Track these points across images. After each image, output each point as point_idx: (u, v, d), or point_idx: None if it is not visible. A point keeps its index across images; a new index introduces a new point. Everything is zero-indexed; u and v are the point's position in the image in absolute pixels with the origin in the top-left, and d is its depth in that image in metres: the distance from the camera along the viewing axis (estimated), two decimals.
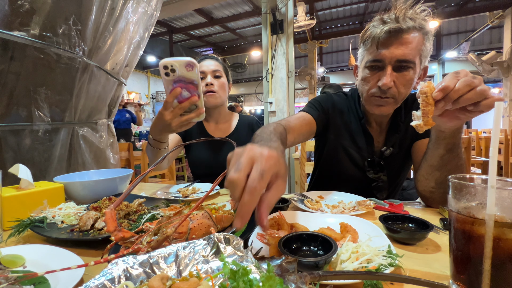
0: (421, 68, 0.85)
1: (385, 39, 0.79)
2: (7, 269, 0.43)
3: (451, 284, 0.39)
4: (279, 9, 3.01)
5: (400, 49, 0.78)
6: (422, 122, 0.57)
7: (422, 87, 0.56)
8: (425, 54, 0.82)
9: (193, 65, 0.70)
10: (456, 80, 0.53)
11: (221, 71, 1.29)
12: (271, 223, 0.59)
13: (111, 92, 1.47)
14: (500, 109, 0.37)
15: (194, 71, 0.71)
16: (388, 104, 0.86)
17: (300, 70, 5.95)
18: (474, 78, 0.53)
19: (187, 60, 0.70)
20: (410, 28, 0.77)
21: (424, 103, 0.55)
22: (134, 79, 9.64)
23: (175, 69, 0.71)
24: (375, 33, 0.80)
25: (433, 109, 0.55)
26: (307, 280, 0.31)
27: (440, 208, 0.75)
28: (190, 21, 7.66)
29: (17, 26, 0.95)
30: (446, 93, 0.53)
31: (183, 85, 0.74)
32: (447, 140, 0.67)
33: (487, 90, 0.52)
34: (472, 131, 6.98)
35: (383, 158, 0.99)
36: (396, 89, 0.82)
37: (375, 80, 0.84)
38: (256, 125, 1.42)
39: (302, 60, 10.03)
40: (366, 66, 0.86)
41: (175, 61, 0.70)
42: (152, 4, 1.46)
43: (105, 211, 0.46)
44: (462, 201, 0.37)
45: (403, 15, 0.78)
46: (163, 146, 0.95)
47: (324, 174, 1.18)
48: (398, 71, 0.81)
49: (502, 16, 5.64)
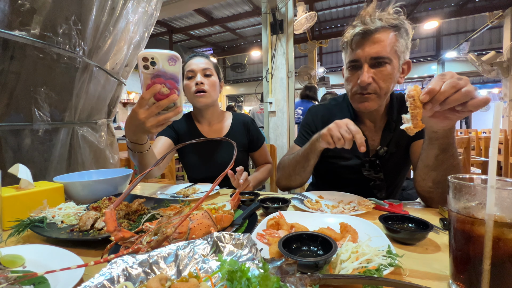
0: (402, 63, 0.89)
1: (358, 41, 0.86)
2: (7, 269, 0.43)
3: (451, 284, 0.39)
4: (279, 9, 3.01)
5: (372, 47, 0.84)
6: (411, 125, 0.59)
7: (410, 91, 0.58)
8: (402, 49, 0.87)
9: (176, 59, 0.64)
10: (442, 82, 0.55)
11: (212, 69, 1.23)
12: (271, 223, 0.59)
13: (111, 92, 1.47)
14: (500, 109, 0.38)
15: (177, 65, 0.65)
16: (371, 100, 0.89)
17: (300, 70, 5.95)
18: (460, 79, 0.55)
19: (169, 54, 0.63)
20: (378, 28, 0.83)
21: (412, 106, 0.58)
22: (134, 79, 9.61)
23: (155, 62, 0.63)
24: (347, 37, 0.89)
25: (421, 112, 0.57)
26: (307, 282, 0.31)
27: (440, 208, 0.75)
28: (190, 21, 7.66)
29: (18, 26, 0.95)
30: (433, 95, 0.55)
31: (163, 81, 0.67)
32: (440, 140, 0.69)
33: (472, 91, 0.54)
34: (472, 131, 6.98)
35: (379, 157, 1.00)
36: (376, 84, 0.87)
37: (355, 78, 0.89)
38: (251, 124, 1.38)
39: (302, 60, 10.03)
40: (347, 67, 0.93)
41: (156, 53, 0.63)
42: (152, 4, 1.46)
43: (105, 211, 0.46)
44: (462, 201, 0.37)
45: (369, 18, 0.85)
46: (144, 149, 0.87)
47: (322, 177, 1.19)
48: (375, 67, 0.86)
49: (502, 16, 5.64)
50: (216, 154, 1.29)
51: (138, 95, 9.54)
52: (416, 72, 9.86)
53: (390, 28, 0.84)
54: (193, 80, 1.21)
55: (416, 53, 9.63)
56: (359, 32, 0.85)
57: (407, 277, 0.43)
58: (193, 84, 1.20)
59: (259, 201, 0.75)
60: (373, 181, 1.02)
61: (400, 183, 1.11)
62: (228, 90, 12.23)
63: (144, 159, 0.90)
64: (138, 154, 0.88)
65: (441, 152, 0.70)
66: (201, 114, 1.31)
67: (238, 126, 1.36)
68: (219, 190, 1.06)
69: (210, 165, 1.28)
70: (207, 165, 1.28)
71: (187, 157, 1.31)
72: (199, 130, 1.32)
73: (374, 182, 1.02)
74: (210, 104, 1.25)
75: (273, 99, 3.15)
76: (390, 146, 0.98)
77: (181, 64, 0.66)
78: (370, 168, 1.01)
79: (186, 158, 1.32)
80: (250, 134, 1.36)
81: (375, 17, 0.84)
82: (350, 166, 1.04)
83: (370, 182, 1.03)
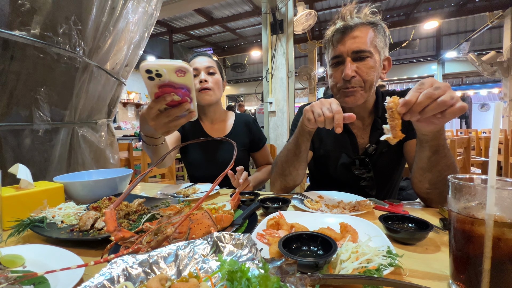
0: (382, 59, 0.92)
1: (339, 38, 0.89)
2: (7, 269, 0.43)
3: (451, 284, 0.39)
4: (279, 9, 3.01)
5: (353, 42, 0.87)
6: (391, 136, 0.60)
7: (388, 102, 0.59)
8: (381, 45, 0.90)
9: (185, 71, 0.56)
10: (419, 93, 0.57)
11: (215, 68, 1.25)
12: (271, 223, 0.59)
13: (111, 92, 1.47)
14: (500, 109, 0.37)
15: (187, 76, 0.57)
16: (356, 93, 0.90)
17: (300, 70, 5.95)
18: (437, 89, 0.56)
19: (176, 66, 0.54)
20: (357, 24, 0.87)
21: (391, 118, 0.60)
22: (134, 79, 9.62)
23: (161, 74, 0.56)
24: (328, 35, 0.93)
25: (400, 123, 0.59)
26: (307, 282, 0.31)
27: (440, 208, 0.75)
28: (190, 21, 7.66)
29: (18, 26, 0.95)
30: (409, 107, 0.58)
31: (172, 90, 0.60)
32: (430, 143, 0.70)
33: (447, 100, 0.55)
34: (472, 131, 6.98)
35: (368, 155, 1.00)
36: (360, 78, 0.88)
37: (339, 74, 0.91)
38: (253, 123, 1.39)
39: (302, 60, 10.03)
40: (330, 65, 0.95)
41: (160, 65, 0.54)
42: (152, 4, 1.46)
43: (105, 211, 0.46)
44: (462, 201, 0.37)
45: (349, 14, 0.89)
46: (159, 142, 0.87)
47: (317, 177, 1.20)
48: (358, 61, 0.88)
49: (502, 16, 5.64)
50: (217, 153, 1.29)
51: (138, 95, 9.54)
52: (416, 72, 9.85)
53: (368, 24, 0.88)
54: (197, 78, 1.21)
55: (416, 53, 9.63)
56: (339, 28, 0.89)
57: (407, 277, 0.43)
58: (197, 82, 1.21)
59: (259, 201, 0.75)
60: (364, 180, 1.03)
61: (396, 183, 1.11)
62: (228, 90, 12.23)
63: (158, 152, 0.90)
64: (152, 147, 0.88)
65: (433, 153, 0.71)
66: (204, 112, 1.32)
67: (240, 125, 1.37)
68: (219, 190, 1.06)
69: (211, 164, 1.28)
70: (208, 164, 1.29)
71: (189, 155, 1.32)
72: (202, 127, 1.33)
73: (364, 181, 1.02)
74: (214, 102, 1.26)
75: (273, 99, 3.15)
76: (380, 145, 0.99)
77: (192, 74, 0.58)
78: (360, 167, 1.02)
79: (188, 156, 1.33)
80: (252, 134, 1.37)
81: (354, 15, 0.89)
82: (341, 164, 1.04)
83: (360, 181, 1.03)
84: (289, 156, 0.93)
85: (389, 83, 11.36)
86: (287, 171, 0.95)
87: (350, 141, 1.02)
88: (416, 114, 0.58)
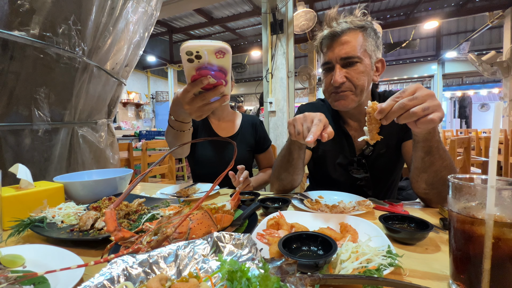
0: (374, 62, 0.92)
1: (328, 44, 0.90)
2: (7, 269, 0.43)
3: (451, 284, 0.39)
4: (279, 9, 3.01)
5: (341, 48, 0.88)
6: (369, 137, 0.64)
7: (368, 107, 0.62)
8: (372, 48, 0.90)
9: (226, 51, 0.56)
10: (395, 102, 0.59)
11: None
12: (271, 223, 0.59)
13: (111, 92, 1.47)
14: (500, 109, 0.37)
15: (226, 58, 0.57)
16: (347, 97, 0.91)
17: (300, 70, 5.95)
18: (413, 99, 0.57)
19: (217, 46, 0.55)
20: (345, 30, 0.87)
21: (368, 122, 0.63)
22: (134, 79, 9.62)
23: (201, 56, 0.56)
24: (317, 42, 0.95)
25: (377, 127, 0.63)
26: (307, 282, 0.31)
27: (440, 208, 0.75)
28: (190, 21, 7.66)
29: (17, 26, 0.95)
30: (384, 114, 0.60)
31: (209, 72, 0.60)
32: (421, 144, 0.71)
33: (417, 112, 0.57)
34: (472, 131, 6.98)
35: (365, 157, 1.01)
36: (350, 83, 0.89)
37: (330, 79, 0.92)
38: (259, 125, 1.41)
39: (302, 60, 10.03)
40: (322, 70, 0.97)
41: (201, 46, 0.55)
42: (152, 4, 1.46)
43: (105, 211, 0.46)
44: (462, 201, 0.37)
45: (334, 21, 0.90)
46: (187, 128, 0.87)
47: (317, 177, 1.21)
48: (347, 67, 0.89)
49: (502, 16, 5.64)
50: (223, 152, 1.31)
51: (138, 95, 9.54)
52: (416, 72, 9.85)
53: (356, 29, 0.88)
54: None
55: (416, 53, 9.63)
56: (327, 35, 0.89)
57: (407, 277, 0.43)
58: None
59: (259, 201, 0.75)
60: (359, 181, 1.03)
61: (395, 182, 1.11)
62: None
63: (183, 138, 0.91)
64: (179, 133, 0.88)
65: (425, 154, 0.71)
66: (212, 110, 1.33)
67: (247, 126, 1.39)
68: (219, 190, 1.06)
69: (216, 163, 1.30)
70: (215, 162, 1.30)
71: (198, 152, 1.33)
72: (211, 125, 1.35)
73: (360, 182, 1.03)
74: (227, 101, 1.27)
75: (273, 99, 3.15)
76: (378, 146, 0.99)
77: (231, 55, 0.58)
78: (358, 167, 1.02)
79: (197, 152, 1.33)
80: (258, 135, 1.39)
81: (340, 20, 0.89)
82: (338, 165, 1.05)
83: (357, 181, 1.03)
84: (283, 162, 0.92)
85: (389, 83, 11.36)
86: (282, 176, 0.94)
87: (347, 142, 1.03)
88: (390, 121, 0.61)
